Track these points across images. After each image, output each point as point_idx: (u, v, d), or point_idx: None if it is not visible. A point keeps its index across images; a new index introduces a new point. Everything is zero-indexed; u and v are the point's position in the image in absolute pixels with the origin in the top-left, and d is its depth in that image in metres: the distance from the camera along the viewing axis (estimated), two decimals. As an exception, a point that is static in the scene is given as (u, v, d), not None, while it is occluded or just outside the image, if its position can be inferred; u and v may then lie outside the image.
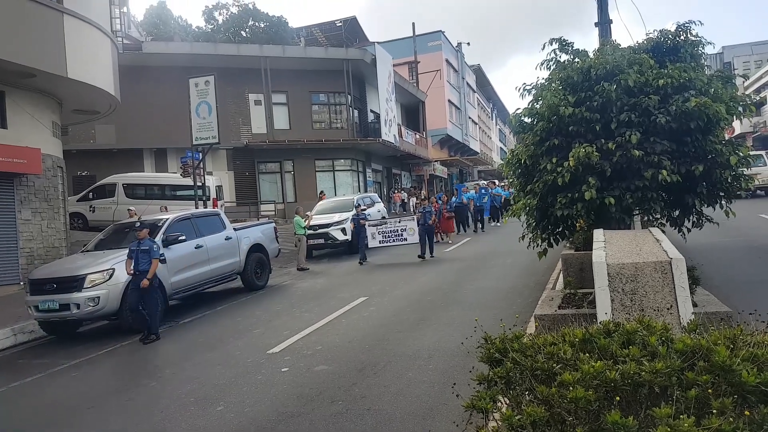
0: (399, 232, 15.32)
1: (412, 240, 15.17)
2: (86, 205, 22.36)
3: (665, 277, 4.32)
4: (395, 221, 15.77)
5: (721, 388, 2.53)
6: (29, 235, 14.20)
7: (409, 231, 15.17)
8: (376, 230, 15.58)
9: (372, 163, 33.86)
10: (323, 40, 39.06)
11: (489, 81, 67.66)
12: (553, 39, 7.88)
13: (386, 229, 15.55)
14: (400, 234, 15.32)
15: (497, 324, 3.94)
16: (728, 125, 7.12)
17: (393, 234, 15.40)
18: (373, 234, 15.54)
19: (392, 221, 15.86)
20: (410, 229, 15.19)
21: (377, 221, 16.26)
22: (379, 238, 15.51)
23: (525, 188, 7.65)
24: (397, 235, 15.35)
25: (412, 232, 15.16)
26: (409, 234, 15.18)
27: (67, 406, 6.44)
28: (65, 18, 13.57)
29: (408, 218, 15.78)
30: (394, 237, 15.39)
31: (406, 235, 15.24)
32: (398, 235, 15.35)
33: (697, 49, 7.89)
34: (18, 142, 13.61)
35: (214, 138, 17.64)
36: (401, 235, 15.31)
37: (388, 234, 15.44)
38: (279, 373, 6.66)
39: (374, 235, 15.54)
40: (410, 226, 15.26)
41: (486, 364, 3.21)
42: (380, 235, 15.51)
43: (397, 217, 16.56)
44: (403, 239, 15.33)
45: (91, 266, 9.75)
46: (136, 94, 22.93)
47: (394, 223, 15.63)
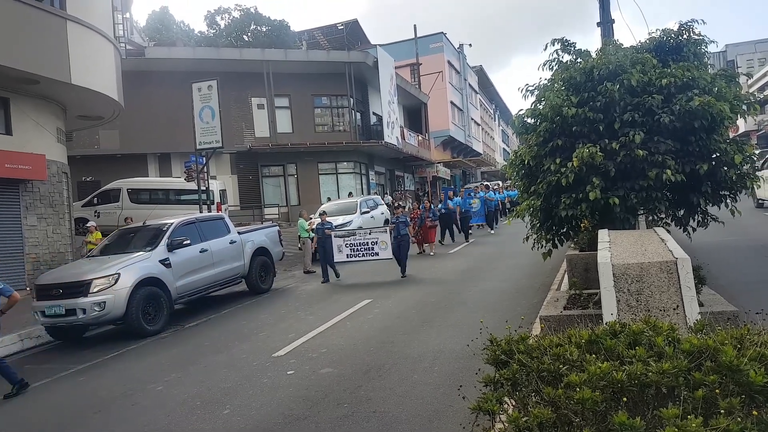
0: (369, 246, 13.20)
1: (385, 255, 13.12)
2: (91, 211, 22.42)
3: (671, 277, 4.30)
4: (365, 232, 13.60)
5: (729, 388, 2.53)
6: (35, 241, 14.25)
7: (381, 244, 13.08)
8: (344, 242, 13.43)
9: (375, 166, 33.88)
10: (325, 43, 39.15)
11: (491, 82, 67.64)
12: (555, 39, 7.87)
13: (355, 241, 13.35)
14: (370, 248, 13.20)
15: (502, 325, 3.93)
16: (732, 124, 7.09)
17: (362, 247, 13.28)
18: (339, 246, 13.42)
19: (362, 232, 13.66)
20: (382, 242, 13.08)
21: (344, 232, 14.14)
22: (347, 252, 13.39)
23: (529, 189, 7.63)
24: (367, 248, 13.23)
25: (384, 245, 13.06)
26: (381, 248, 13.08)
27: (73, 411, 6.46)
28: (68, 24, 13.63)
29: (380, 229, 13.68)
30: (363, 251, 13.28)
31: (377, 249, 13.12)
32: (368, 249, 13.23)
33: (700, 47, 7.86)
34: (23, 148, 13.67)
35: (218, 142, 17.67)
36: (372, 249, 13.19)
37: (356, 247, 13.31)
38: (284, 376, 6.67)
39: (341, 247, 13.41)
40: (382, 238, 13.14)
41: (492, 365, 3.21)
42: (348, 248, 13.38)
43: (367, 228, 14.25)
44: (374, 253, 13.21)
45: (96, 271, 9.79)
46: (140, 100, 23.01)
47: (364, 235, 13.44)
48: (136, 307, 9.62)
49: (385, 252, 13.10)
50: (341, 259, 13.52)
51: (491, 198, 22.83)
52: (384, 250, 13.08)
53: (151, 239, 10.95)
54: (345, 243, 13.40)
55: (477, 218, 21.23)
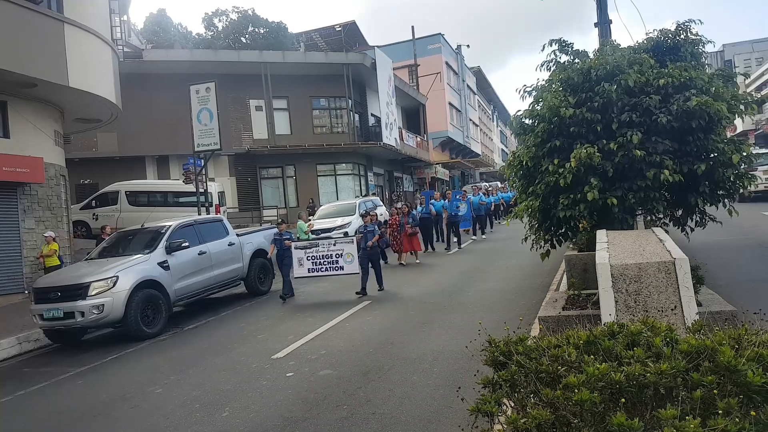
0: (334, 259, 11.60)
1: (351, 269, 11.53)
2: (89, 213, 22.40)
3: (669, 277, 4.31)
4: (329, 243, 11.88)
5: (727, 388, 2.53)
6: (33, 244, 14.23)
7: (347, 257, 11.49)
8: (305, 255, 11.78)
9: (373, 167, 33.88)
10: (323, 45, 39.18)
11: (489, 83, 67.71)
12: (552, 40, 7.88)
13: (317, 253, 11.72)
14: (334, 261, 11.60)
15: (501, 326, 3.94)
16: (730, 123, 7.11)
17: (326, 260, 11.65)
18: (300, 260, 11.80)
19: (325, 243, 11.94)
20: (348, 255, 11.50)
21: (306, 243, 12.46)
22: (308, 266, 11.77)
23: (527, 190, 7.64)
24: (331, 262, 11.62)
25: (351, 258, 11.48)
26: (347, 261, 11.50)
27: (72, 414, 6.45)
28: (66, 27, 13.63)
29: (345, 240, 12.04)
30: (327, 264, 11.65)
31: (342, 262, 11.55)
32: (333, 263, 11.62)
33: (697, 47, 7.88)
34: (21, 151, 13.66)
35: (216, 144, 17.67)
36: (336, 263, 11.60)
37: (319, 260, 11.68)
38: (284, 378, 6.67)
39: (302, 261, 11.79)
40: (348, 250, 11.53)
41: (490, 367, 3.21)
42: (309, 261, 11.75)
43: (331, 239, 12.47)
44: (339, 267, 11.64)
45: (95, 274, 9.78)
46: (138, 102, 22.99)
47: (328, 246, 11.75)
48: (134, 310, 9.62)
49: (350, 266, 11.49)
50: (302, 274, 11.91)
51: (483, 202, 21.21)
52: (349, 264, 11.49)
53: (149, 242, 10.94)
54: (306, 255, 11.78)
55: (464, 223, 19.26)
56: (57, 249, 13.47)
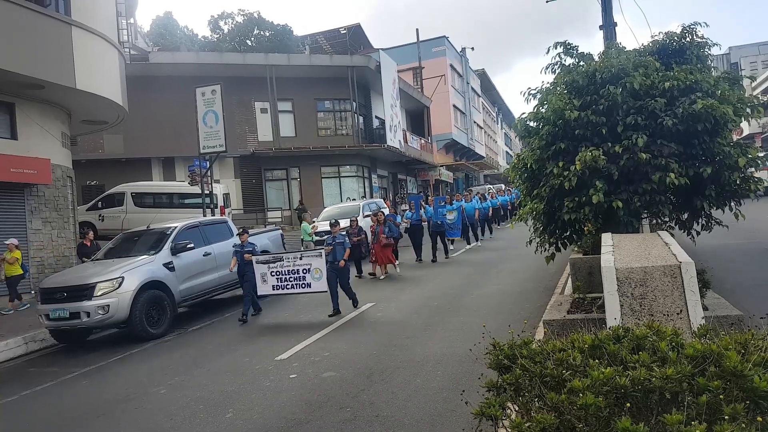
0: (300, 275, 10.41)
1: (319, 286, 10.29)
2: (95, 215, 22.50)
3: (675, 281, 4.29)
4: (295, 257, 10.62)
5: (733, 393, 2.51)
6: (39, 245, 14.29)
7: (314, 273, 10.28)
8: (268, 270, 10.61)
9: (377, 169, 33.90)
10: (328, 47, 39.23)
11: (494, 85, 67.65)
12: (557, 43, 7.89)
13: (282, 268, 10.52)
14: (301, 277, 10.41)
15: (505, 330, 3.93)
16: (736, 127, 7.09)
17: (291, 276, 10.46)
18: (263, 275, 10.63)
19: (291, 257, 10.65)
20: (316, 270, 10.29)
21: (268, 257, 11.03)
22: (273, 282, 10.59)
23: (532, 192, 7.63)
24: (297, 278, 10.44)
25: (319, 274, 10.26)
26: (315, 277, 10.27)
27: (77, 414, 6.46)
28: (73, 30, 13.70)
29: (313, 254, 10.61)
30: (293, 281, 10.47)
31: (310, 278, 10.31)
32: (299, 279, 10.44)
33: (703, 50, 7.86)
34: (28, 152, 13.73)
35: (221, 146, 17.72)
36: (303, 279, 10.39)
37: (284, 276, 10.52)
38: (287, 380, 6.67)
39: (265, 276, 10.63)
40: (316, 265, 10.32)
41: (495, 370, 3.20)
42: (274, 277, 10.56)
43: (297, 252, 11.34)
44: (306, 284, 10.39)
45: (100, 275, 9.81)
46: (144, 104, 23.09)
47: (293, 260, 10.51)
48: (139, 311, 9.64)
49: (318, 283, 10.28)
50: (266, 291, 10.73)
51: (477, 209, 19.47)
52: (318, 281, 10.28)
53: (155, 243, 10.98)
54: (270, 271, 10.60)
55: (453, 232, 17.39)
56: (19, 258, 12.51)
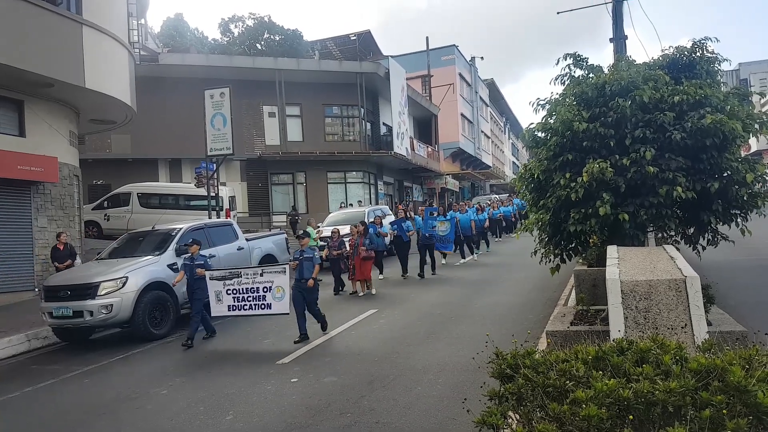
0: (260, 293, 9.09)
1: (281, 308, 8.95)
2: (101, 214, 22.59)
3: (679, 295, 4.28)
4: (255, 273, 9.22)
5: (736, 408, 2.50)
6: (45, 243, 14.35)
7: (276, 291, 8.96)
8: (223, 287, 9.26)
9: (384, 176, 33.94)
10: (337, 53, 39.38)
11: (502, 95, 67.73)
12: (567, 54, 7.91)
13: (240, 285, 9.18)
14: (261, 296, 9.08)
15: (508, 339, 3.92)
16: (744, 142, 7.07)
17: (250, 295, 9.15)
18: (218, 293, 9.29)
19: (250, 273, 9.27)
20: (278, 289, 8.98)
21: (224, 272, 9.52)
22: (229, 301, 9.25)
23: (538, 203, 7.63)
24: (256, 297, 9.11)
25: (281, 293, 8.94)
26: (276, 297, 8.95)
27: (78, 413, 6.47)
28: (84, 29, 13.81)
29: (276, 269, 9.20)
30: (251, 300, 9.15)
31: (270, 298, 8.99)
32: (258, 298, 9.10)
33: (713, 65, 7.86)
34: (36, 150, 13.82)
35: (229, 149, 17.80)
36: (263, 299, 9.07)
37: (241, 295, 9.19)
38: (288, 384, 6.66)
39: (220, 295, 9.28)
40: (279, 282, 8.97)
41: (497, 379, 3.20)
42: (230, 295, 9.23)
43: (257, 267, 9.63)
44: (266, 305, 9.04)
45: (104, 274, 9.84)
46: (152, 105, 23.23)
47: (253, 277, 9.17)
48: (142, 311, 9.65)
49: (280, 303, 8.93)
50: (221, 312, 9.36)
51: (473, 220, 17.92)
52: (279, 301, 8.93)
53: (159, 244, 11.01)
54: (226, 288, 9.25)
55: (444, 245, 15.79)
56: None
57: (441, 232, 15.56)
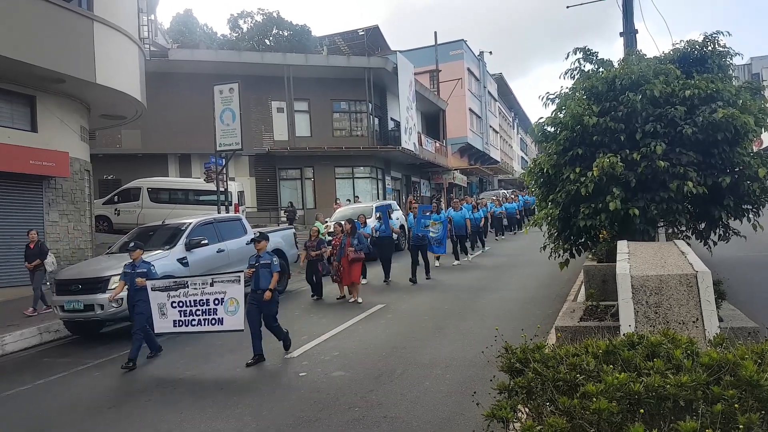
0: (210, 306, 7.89)
1: (233, 323, 7.76)
2: (111, 209, 22.74)
3: (690, 290, 4.25)
4: (204, 282, 8.00)
5: (748, 403, 2.49)
6: (56, 237, 14.48)
7: (230, 304, 7.80)
8: (168, 299, 8.11)
9: (391, 171, 33.91)
10: (345, 48, 39.34)
11: (511, 90, 67.44)
12: (577, 48, 7.87)
13: (186, 297, 8.01)
14: (211, 310, 7.90)
15: (517, 335, 3.91)
16: (756, 137, 7.01)
17: (199, 308, 7.95)
18: (161, 306, 8.13)
19: (198, 282, 8.04)
20: (231, 301, 7.81)
21: (167, 282, 8.33)
22: (174, 316, 8.08)
23: (547, 198, 7.60)
24: (206, 311, 7.92)
25: (235, 306, 7.77)
26: (229, 311, 7.79)
27: (89, 405, 6.54)
28: (95, 25, 13.88)
29: (229, 278, 7.95)
30: (201, 315, 7.94)
31: (222, 312, 7.82)
32: (208, 312, 7.91)
33: (724, 59, 7.80)
34: (47, 145, 13.93)
35: (237, 144, 17.84)
36: (213, 312, 7.89)
37: (188, 308, 8.01)
38: (297, 378, 6.69)
39: (164, 308, 8.13)
40: (232, 293, 7.82)
41: (506, 373, 3.19)
42: (175, 308, 8.07)
43: (206, 276, 8.29)
44: (217, 320, 7.85)
45: (115, 268, 9.89)
46: (162, 100, 23.32)
47: (202, 287, 7.97)
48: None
49: (233, 318, 7.75)
50: (165, 328, 8.19)
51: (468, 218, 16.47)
52: (233, 315, 7.75)
53: (169, 238, 11.08)
54: (170, 301, 8.09)
55: (437, 247, 14.75)
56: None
57: (432, 233, 14.52)
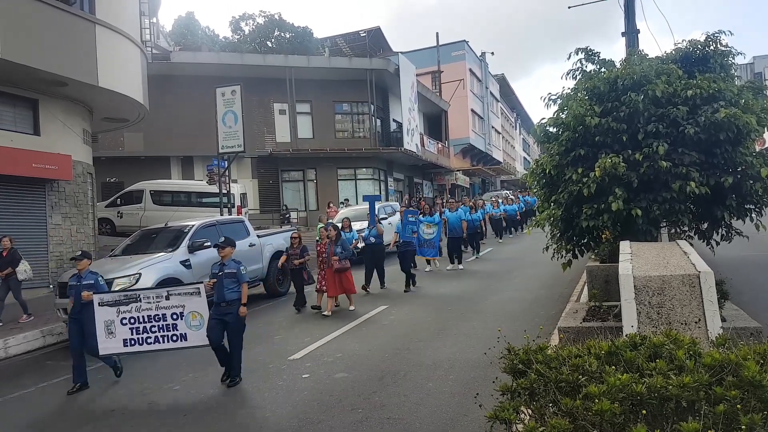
0: (169, 322, 7.04)
1: (198, 339, 6.96)
2: (114, 211, 22.80)
3: (693, 290, 4.24)
4: (158, 296, 7.13)
5: (750, 403, 2.48)
6: (59, 240, 14.51)
7: (192, 318, 6.97)
8: (117, 315, 7.12)
9: (394, 172, 33.93)
10: (347, 50, 39.38)
11: (513, 90, 67.40)
12: (579, 49, 7.87)
13: (139, 312, 7.10)
14: (170, 325, 7.04)
15: (520, 335, 3.91)
16: (759, 137, 7.02)
17: (155, 324, 7.07)
18: (109, 324, 7.13)
19: (152, 296, 7.15)
20: (193, 315, 6.98)
21: (118, 295, 7.35)
22: (124, 334, 7.11)
23: (549, 198, 7.60)
24: (165, 327, 7.05)
25: (198, 321, 6.95)
26: (192, 326, 6.96)
27: (91, 408, 6.55)
28: (97, 28, 13.92)
29: (188, 290, 7.15)
30: (159, 332, 7.06)
31: (184, 327, 7.00)
32: (167, 328, 7.04)
33: (726, 59, 7.79)
34: (50, 148, 13.97)
35: (240, 146, 17.87)
36: (173, 328, 7.03)
37: (142, 324, 7.09)
38: (300, 380, 6.69)
39: (111, 326, 7.13)
40: (192, 306, 6.99)
41: (509, 375, 3.19)
42: (125, 326, 7.10)
43: (161, 290, 7.32)
44: (179, 336, 7.03)
45: (118, 271, 9.92)
46: (164, 103, 23.38)
47: (156, 301, 7.08)
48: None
49: (197, 334, 6.94)
50: (113, 350, 7.23)
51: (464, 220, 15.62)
52: (197, 330, 6.94)
53: (172, 240, 11.09)
54: (120, 317, 7.12)
55: (429, 250, 14.25)
56: None
57: (427, 235, 14.04)
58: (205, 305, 7.03)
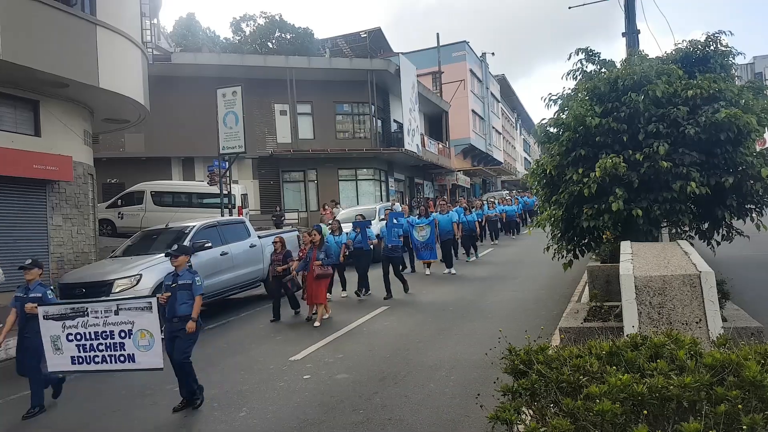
0: (116, 340, 6.24)
1: (149, 360, 6.15)
2: (115, 212, 22.80)
3: (694, 290, 4.24)
4: (106, 310, 6.31)
5: (752, 403, 2.48)
6: (60, 241, 14.52)
7: (140, 337, 6.17)
8: (63, 331, 6.42)
9: (395, 173, 33.93)
10: (348, 51, 39.39)
11: (513, 91, 67.41)
12: (579, 49, 7.87)
13: (86, 328, 6.35)
14: (117, 344, 6.23)
15: (521, 336, 3.91)
16: (759, 137, 7.01)
17: (102, 342, 6.29)
18: (55, 339, 6.46)
19: (100, 310, 6.33)
20: (142, 333, 6.16)
21: (65, 308, 6.54)
22: (71, 351, 6.41)
23: (550, 199, 7.60)
24: (111, 345, 6.25)
25: (148, 339, 6.14)
26: (140, 345, 6.15)
27: (92, 409, 6.56)
28: (98, 30, 13.93)
29: (138, 304, 6.25)
30: (105, 350, 6.28)
31: (132, 347, 6.18)
32: (114, 347, 6.24)
33: (727, 59, 7.79)
34: (51, 149, 13.97)
35: (241, 147, 17.88)
36: (121, 347, 6.22)
37: (88, 341, 6.35)
38: (301, 381, 6.70)
39: (58, 342, 6.44)
40: (142, 324, 6.15)
41: (510, 375, 3.19)
42: (71, 342, 6.39)
43: (110, 302, 6.64)
44: (126, 357, 6.21)
45: (119, 272, 9.94)
46: (165, 104, 23.37)
47: (104, 316, 6.30)
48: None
49: (148, 354, 6.13)
50: (60, 367, 6.57)
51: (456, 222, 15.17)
52: (147, 351, 6.13)
53: (173, 241, 11.08)
54: (66, 333, 6.42)
55: (426, 252, 13.95)
56: None
57: (421, 237, 13.79)
58: (157, 323, 6.14)
